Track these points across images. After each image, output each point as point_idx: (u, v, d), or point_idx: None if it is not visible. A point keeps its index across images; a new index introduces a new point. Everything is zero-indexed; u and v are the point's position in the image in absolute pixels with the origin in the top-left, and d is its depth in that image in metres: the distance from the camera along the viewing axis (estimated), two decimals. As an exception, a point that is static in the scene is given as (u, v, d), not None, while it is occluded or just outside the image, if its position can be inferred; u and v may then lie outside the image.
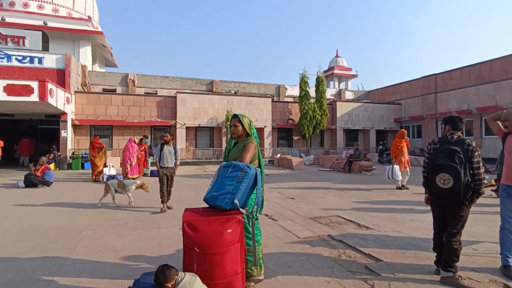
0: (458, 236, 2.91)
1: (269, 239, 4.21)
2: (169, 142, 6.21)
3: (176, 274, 2.25)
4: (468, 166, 2.79)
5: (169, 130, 6.48)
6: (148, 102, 17.95)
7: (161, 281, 2.22)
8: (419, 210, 5.96)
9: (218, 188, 2.50)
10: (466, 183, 2.76)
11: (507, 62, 17.20)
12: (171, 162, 6.17)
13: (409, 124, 23.76)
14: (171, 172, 6.22)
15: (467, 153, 2.82)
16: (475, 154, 2.82)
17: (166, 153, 6.12)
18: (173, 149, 6.22)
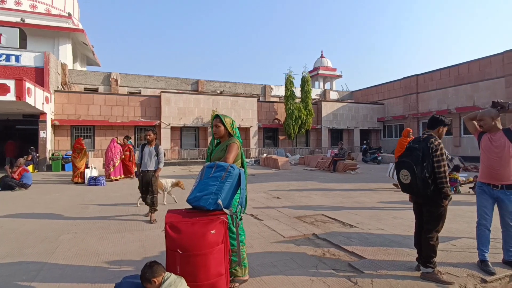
0: (433, 233, 2.99)
1: (254, 239, 4.20)
2: (151, 142, 5.44)
3: (163, 272, 2.23)
4: (428, 163, 2.90)
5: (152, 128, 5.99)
6: (131, 102, 17.61)
7: (148, 276, 2.18)
8: (401, 207, 6.11)
9: (201, 188, 2.47)
10: (423, 178, 2.89)
11: (484, 63, 17.85)
12: (151, 165, 5.35)
13: (392, 124, 24.29)
14: (151, 177, 5.35)
15: (428, 151, 2.93)
16: (436, 153, 2.90)
17: (146, 155, 5.38)
18: (154, 149, 5.40)
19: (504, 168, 3.16)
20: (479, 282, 2.96)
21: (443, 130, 3.18)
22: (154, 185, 5.37)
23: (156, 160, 5.40)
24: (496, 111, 3.26)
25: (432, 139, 3.00)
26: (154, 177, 5.36)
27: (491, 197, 3.24)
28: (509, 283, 3.09)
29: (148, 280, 2.18)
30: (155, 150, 5.40)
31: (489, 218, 3.24)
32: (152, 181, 5.34)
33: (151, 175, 5.34)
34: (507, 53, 16.55)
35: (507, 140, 3.17)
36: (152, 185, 5.34)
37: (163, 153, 5.56)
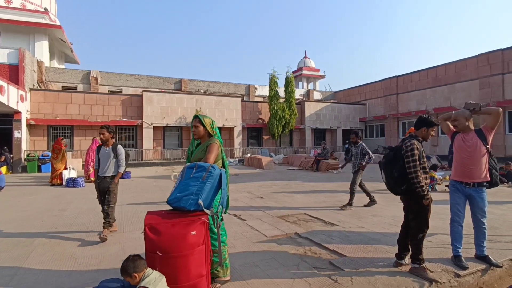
0: (417, 230, 3.09)
1: (237, 239, 4.20)
2: (107, 142, 4.56)
3: (145, 267, 2.20)
4: (399, 163, 3.04)
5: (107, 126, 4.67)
6: (112, 101, 17.19)
7: (129, 270, 2.15)
8: (381, 205, 6.26)
9: (182, 189, 2.45)
10: (394, 178, 3.06)
11: (459, 66, 18.56)
12: (109, 170, 4.47)
13: (373, 124, 24.87)
14: (108, 184, 4.42)
15: (400, 152, 3.07)
16: (406, 154, 3.02)
17: (102, 158, 4.51)
18: (111, 151, 4.50)
19: (475, 166, 3.30)
20: (453, 277, 3.08)
21: (428, 131, 3.21)
22: (112, 194, 4.45)
23: (115, 164, 4.51)
24: (469, 112, 3.40)
25: (407, 140, 3.11)
26: (112, 184, 4.45)
27: (463, 195, 3.38)
28: (481, 277, 3.23)
29: (128, 274, 2.15)
30: (113, 151, 4.51)
31: (461, 215, 3.37)
32: (110, 189, 4.42)
33: (109, 182, 4.45)
34: (481, 56, 17.28)
35: (478, 140, 3.31)
36: (110, 194, 4.42)
37: (125, 154, 4.63)
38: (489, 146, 3.32)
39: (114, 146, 4.54)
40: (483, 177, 3.31)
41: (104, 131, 4.54)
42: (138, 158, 17.11)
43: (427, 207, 3.05)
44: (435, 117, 3.59)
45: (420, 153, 3.08)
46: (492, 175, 3.34)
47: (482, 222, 3.36)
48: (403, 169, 3.01)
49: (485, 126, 3.37)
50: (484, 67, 17.07)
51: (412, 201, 3.11)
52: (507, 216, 5.36)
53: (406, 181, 3.02)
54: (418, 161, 3.02)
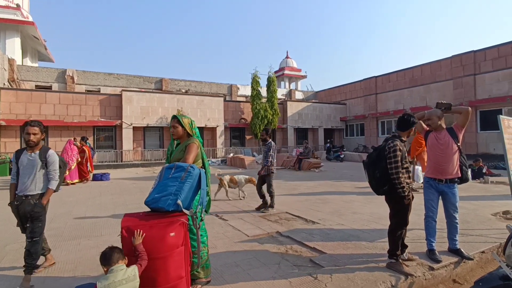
0: (396, 227, 3.17)
1: (218, 239, 4.18)
2: (34, 146, 3.09)
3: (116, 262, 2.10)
4: (381, 164, 3.10)
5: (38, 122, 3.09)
6: (89, 101, 16.66)
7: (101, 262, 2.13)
8: (361, 203, 6.40)
9: (160, 189, 2.41)
10: (376, 178, 3.13)
11: (435, 67, 19.25)
12: (32, 186, 3.03)
13: (354, 123, 25.39)
14: (31, 207, 2.98)
15: (383, 152, 3.12)
16: (388, 155, 3.07)
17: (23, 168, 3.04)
18: (37, 158, 3.05)
19: (448, 163, 3.44)
20: (427, 270, 3.19)
21: (413, 130, 3.35)
22: (37, 221, 3.01)
23: (44, 176, 3.09)
24: (441, 111, 3.54)
25: (390, 141, 3.14)
26: (38, 207, 3.00)
27: (436, 191, 3.51)
28: (454, 270, 3.37)
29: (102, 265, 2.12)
30: (41, 158, 3.06)
31: (435, 210, 3.50)
32: (36, 214, 2.99)
33: (34, 204, 3.00)
34: (454, 57, 18.00)
35: (450, 138, 3.46)
36: (34, 221, 2.99)
37: (60, 163, 3.24)
38: (459, 143, 3.46)
39: (43, 151, 3.10)
40: (455, 173, 3.46)
41: (35, 129, 3.04)
42: (117, 160, 16.68)
43: (407, 207, 3.13)
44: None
45: (402, 154, 3.11)
46: (463, 171, 3.50)
47: (454, 217, 3.50)
48: (385, 170, 3.06)
49: (456, 124, 3.52)
50: (457, 68, 17.79)
51: (393, 201, 3.18)
52: (478, 211, 5.61)
53: (388, 182, 3.07)
54: (401, 162, 3.06)
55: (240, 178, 7.01)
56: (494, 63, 16.21)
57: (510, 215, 5.23)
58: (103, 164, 15.74)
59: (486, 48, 16.62)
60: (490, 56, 16.36)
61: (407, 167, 3.15)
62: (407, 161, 3.19)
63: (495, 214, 5.41)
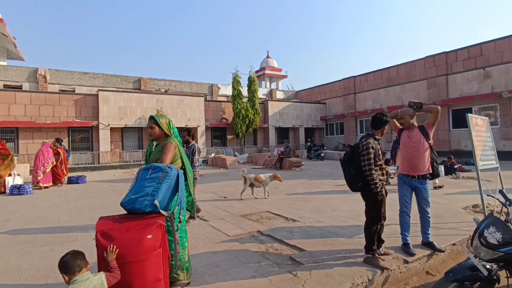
0: (371, 223, 3.26)
1: (199, 240, 4.14)
2: None
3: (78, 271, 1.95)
4: (355, 161, 3.20)
5: None
6: (64, 101, 16.06)
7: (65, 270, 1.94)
8: (340, 200, 6.54)
9: (137, 190, 2.36)
10: (351, 175, 3.24)
11: (409, 67, 19.93)
12: None
13: (333, 122, 25.86)
14: None
15: (357, 150, 3.23)
16: (361, 152, 3.18)
17: None
18: None
19: (420, 160, 3.57)
20: (402, 263, 3.31)
21: (386, 129, 3.43)
22: None
23: None
24: (413, 110, 3.68)
25: (364, 139, 3.25)
26: None
27: (410, 187, 3.64)
28: (427, 262, 3.50)
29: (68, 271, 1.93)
30: None
31: (409, 205, 3.63)
32: None
33: None
34: (428, 58, 18.70)
35: (422, 136, 3.60)
36: None
37: None
38: (430, 141, 3.61)
39: None
40: (426, 169, 3.60)
41: None
42: (94, 162, 16.18)
43: (380, 202, 3.23)
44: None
45: (376, 151, 3.20)
46: (434, 167, 3.65)
47: (426, 212, 3.64)
48: (359, 167, 3.15)
49: (426, 123, 3.66)
50: (431, 68, 18.51)
51: (368, 197, 3.28)
52: (450, 205, 5.87)
53: (362, 179, 3.16)
54: (374, 160, 3.15)
55: (265, 176, 7.07)
56: (464, 63, 16.98)
57: (479, 208, 5.50)
58: (79, 166, 15.23)
59: (457, 49, 17.37)
60: (461, 57, 17.13)
61: (380, 165, 3.25)
62: (381, 158, 3.28)
63: (465, 207, 5.67)
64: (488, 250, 2.32)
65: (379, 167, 3.22)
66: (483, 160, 4.82)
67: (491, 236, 2.33)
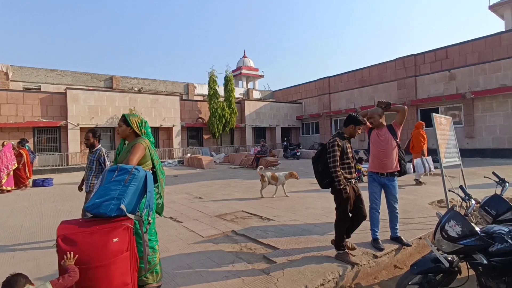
0: (339, 220, 3.34)
1: (172, 242, 4.06)
2: None
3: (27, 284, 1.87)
4: (324, 158, 3.28)
5: None
6: (28, 99, 15.19)
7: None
8: (314, 198, 6.64)
9: (101, 194, 2.26)
10: (319, 172, 3.33)
11: (381, 68, 20.63)
12: None
13: (309, 122, 26.29)
14: None
15: (325, 148, 3.30)
16: (328, 150, 3.27)
17: None
18: None
19: (388, 158, 3.70)
20: (372, 258, 3.41)
21: (355, 129, 3.41)
22: None
23: None
24: (381, 110, 3.80)
25: (332, 137, 3.34)
26: None
27: (379, 184, 3.76)
28: (395, 256, 3.63)
29: None
30: None
31: (378, 202, 3.75)
32: None
33: None
34: (398, 60, 19.45)
35: (390, 135, 3.72)
36: None
37: None
38: (398, 139, 3.75)
39: None
40: (394, 167, 3.73)
41: None
42: (62, 163, 15.44)
43: (346, 200, 3.26)
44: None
45: (343, 149, 3.26)
46: (401, 165, 3.79)
47: (394, 207, 3.77)
48: (326, 164, 3.24)
49: (394, 122, 3.80)
50: (401, 70, 19.27)
51: (335, 194, 3.35)
52: (417, 201, 6.13)
53: (328, 175, 3.24)
54: (341, 158, 3.23)
55: (280, 174, 7.13)
56: (431, 66, 17.81)
57: (444, 203, 5.78)
58: (46, 168, 14.47)
59: (425, 52, 18.19)
60: (429, 59, 17.95)
61: (348, 163, 3.33)
62: (349, 157, 3.36)
63: (431, 203, 5.95)
64: (449, 243, 2.42)
65: (346, 165, 3.30)
66: (447, 158, 5.08)
67: (451, 229, 2.44)
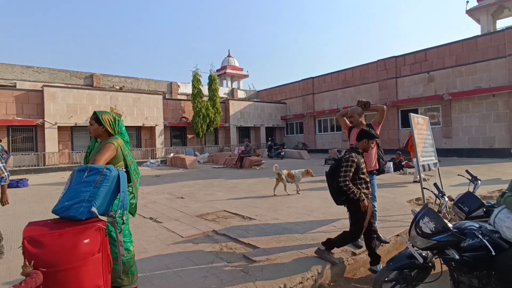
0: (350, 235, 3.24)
1: (150, 243, 3.97)
2: None
3: None
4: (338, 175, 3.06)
5: None
6: (2, 97, 14.56)
7: None
8: (296, 197, 6.67)
9: (71, 196, 2.16)
10: (334, 188, 3.15)
11: (363, 70, 21.02)
12: None
13: (293, 122, 26.47)
14: None
15: (340, 163, 3.11)
16: (342, 164, 3.08)
17: None
18: None
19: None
20: (350, 255, 3.45)
21: (368, 144, 3.24)
22: None
23: None
24: (361, 109, 3.85)
25: (347, 152, 3.17)
26: None
27: (358, 182, 3.80)
28: (373, 253, 3.68)
29: None
30: None
31: (357, 200, 3.79)
32: None
33: None
34: (379, 62, 19.88)
35: (369, 134, 3.77)
36: None
37: None
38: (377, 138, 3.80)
39: None
40: (373, 166, 3.79)
41: None
42: (39, 163, 14.88)
43: (364, 214, 3.08)
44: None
45: (358, 165, 3.11)
46: (380, 164, 3.85)
47: (373, 205, 3.82)
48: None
49: (373, 121, 3.86)
50: (382, 71, 19.70)
51: (352, 210, 3.21)
52: (397, 199, 6.26)
53: (345, 192, 3.07)
54: (357, 173, 3.08)
55: (297, 172, 7.10)
56: (411, 67, 18.30)
57: (421, 201, 5.93)
58: (21, 169, 13.93)
59: (405, 54, 18.67)
60: (408, 62, 18.44)
61: (364, 178, 3.17)
62: (364, 172, 3.20)
63: (409, 201, 6.09)
64: (423, 239, 2.48)
65: (363, 181, 3.14)
66: (423, 156, 5.21)
67: (425, 225, 2.50)
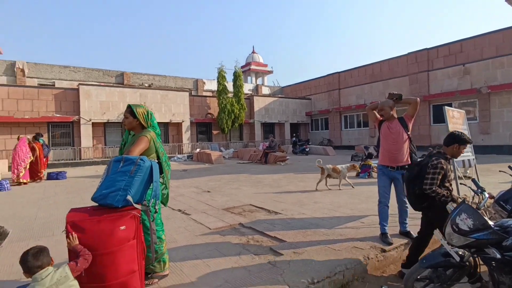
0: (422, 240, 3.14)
1: (180, 234, 4.10)
2: None
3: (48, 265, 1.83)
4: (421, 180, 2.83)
5: None
6: (43, 95, 15.53)
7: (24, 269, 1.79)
8: (322, 193, 6.59)
9: (108, 185, 2.29)
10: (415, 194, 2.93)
11: (392, 63, 20.25)
12: None
13: (318, 118, 26.08)
14: None
15: (425, 168, 2.86)
16: (429, 170, 2.82)
17: None
18: None
19: (399, 151, 3.63)
20: (380, 252, 3.37)
21: (459, 149, 2.93)
22: None
23: None
24: (392, 102, 3.72)
25: (435, 158, 2.88)
26: None
27: (388, 178, 3.70)
28: (403, 251, 3.57)
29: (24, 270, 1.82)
30: None
31: (388, 196, 3.69)
32: None
33: None
34: (410, 54, 19.05)
35: (401, 127, 3.65)
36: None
37: None
38: (409, 132, 3.67)
39: None
40: (405, 160, 3.66)
41: None
42: (75, 157, 15.77)
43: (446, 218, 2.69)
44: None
45: (445, 173, 2.86)
46: (412, 158, 3.71)
47: (404, 202, 3.70)
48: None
49: (406, 114, 3.72)
50: (413, 65, 18.87)
51: (434, 215, 2.95)
52: (428, 196, 6.00)
53: (426, 198, 2.90)
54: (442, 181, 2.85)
55: (342, 167, 7.07)
56: (445, 60, 17.38)
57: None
58: (60, 162, 14.82)
59: (438, 46, 17.75)
60: (442, 54, 17.51)
61: (447, 187, 2.92)
62: (449, 180, 2.97)
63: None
64: (460, 237, 2.37)
65: (446, 189, 2.89)
66: (459, 152, 4.95)
67: (462, 222, 2.38)
